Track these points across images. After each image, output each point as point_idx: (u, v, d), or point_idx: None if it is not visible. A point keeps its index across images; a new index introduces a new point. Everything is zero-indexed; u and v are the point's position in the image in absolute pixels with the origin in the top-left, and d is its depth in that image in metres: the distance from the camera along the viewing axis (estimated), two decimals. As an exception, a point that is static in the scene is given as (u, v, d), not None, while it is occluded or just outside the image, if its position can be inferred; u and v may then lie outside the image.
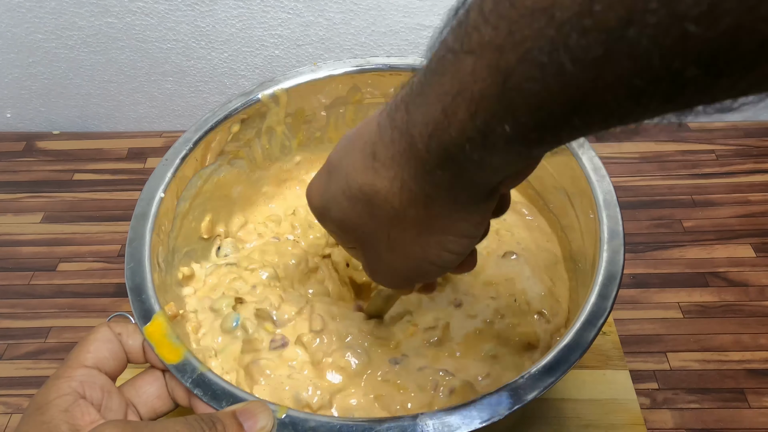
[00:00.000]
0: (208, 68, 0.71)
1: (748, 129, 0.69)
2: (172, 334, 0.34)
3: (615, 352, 0.49)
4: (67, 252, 0.62)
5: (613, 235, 0.38)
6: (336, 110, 0.51)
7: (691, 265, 0.57)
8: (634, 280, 0.56)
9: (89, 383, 0.31)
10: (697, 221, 0.61)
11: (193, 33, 0.67)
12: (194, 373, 0.33)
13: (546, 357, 0.33)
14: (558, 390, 0.46)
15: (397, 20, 0.65)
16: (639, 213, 0.62)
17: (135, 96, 0.74)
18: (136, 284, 0.37)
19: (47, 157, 0.71)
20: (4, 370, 0.53)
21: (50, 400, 0.29)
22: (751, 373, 0.50)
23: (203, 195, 0.47)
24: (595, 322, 0.34)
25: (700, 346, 0.52)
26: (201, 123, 0.45)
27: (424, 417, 0.31)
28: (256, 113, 0.48)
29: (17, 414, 0.50)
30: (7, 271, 0.60)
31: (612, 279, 0.36)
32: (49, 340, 0.55)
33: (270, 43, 0.68)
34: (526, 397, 0.31)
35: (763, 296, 0.55)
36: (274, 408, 0.31)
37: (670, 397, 0.48)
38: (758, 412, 0.48)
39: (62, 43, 0.69)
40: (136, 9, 0.65)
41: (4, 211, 0.66)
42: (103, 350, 0.33)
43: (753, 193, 0.63)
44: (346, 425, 0.31)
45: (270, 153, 0.51)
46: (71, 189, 0.68)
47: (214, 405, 0.32)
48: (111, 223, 0.64)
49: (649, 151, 0.68)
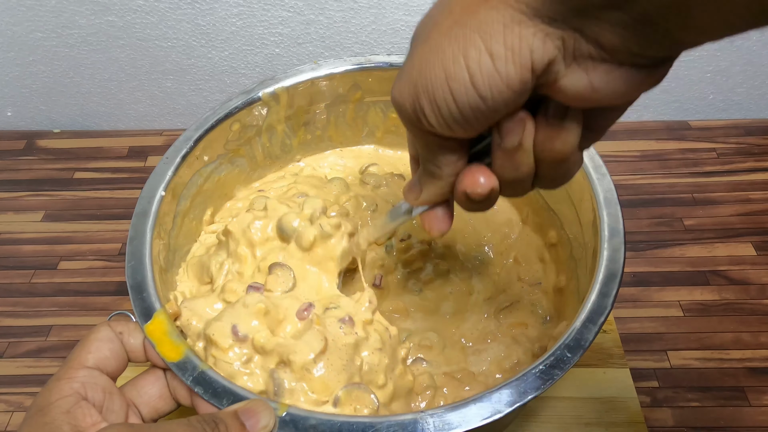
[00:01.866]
0: (208, 66, 0.70)
1: (748, 127, 0.69)
2: (173, 332, 0.35)
3: (615, 350, 0.49)
4: (67, 250, 0.62)
5: (613, 233, 0.38)
6: (336, 108, 0.51)
7: (692, 264, 0.57)
8: (634, 279, 0.56)
9: (91, 384, 0.31)
10: (697, 219, 0.61)
11: (194, 31, 0.67)
12: (195, 371, 0.33)
13: (546, 355, 0.33)
14: (558, 388, 0.46)
15: (398, 18, 0.65)
16: (640, 211, 0.62)
17: (135, 94, 0.74)
18: (136, 282, 0.37)
19: (48, 156, 0.71)
20: (5, 369, 0.53)
21: (52, 401, 0.29)
22: (752, 372, 0.50)
23: (204, 193, 0.47)
24: (596, 321, 0.34)
25: (700, 345, 0.52)
26: (201, 121, 0.45)
27: (424, 415, 0.31)
28: (256, 111, 0.48)
29: (18, 412, 0.50)
30: (8, 269, 0.60)
31: (612, 277, 0.36)
32: (50, 338, 0.55)
33: (270, 41, 0.68)
34: (527, 395, 0.31)
35: (763, 294, 0.55)
36: (274, 406, 0.31)
37: (671, 396, 0.49)
38: (758, 411, 0.48)
39: (63, 42, 0.68)
40: (136, 7, 0.65)
41: (5, 210, 0.66)
42: (104, 350, 0.32)
43: (754, 192, 0.63)
44: (346, 423, 0.31)
45: (270, 151, 0.51)
46: (72, 187, 0.68)
47: (215, 403, 0.32)
48: (112, 221, 0.64)
49: (649, 150, 0.68)
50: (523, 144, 0.25)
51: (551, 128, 0.24)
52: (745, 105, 0.72)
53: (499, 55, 0.21)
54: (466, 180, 0.27)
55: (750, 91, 0.71)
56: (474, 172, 0.27)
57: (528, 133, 0.25)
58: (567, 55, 0.21)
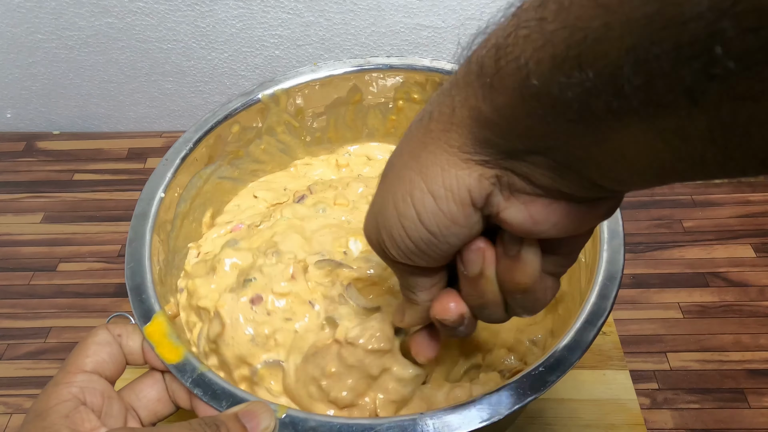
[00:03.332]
0: (208, 68, 0.71)
1: (748, 129, 0.69)
2: (172, 333, 0.34)
3: (615, 352, 0.49)
4: (67, 252, 0.62)
5: (613, 235, 0.38)
6: (336, 110, 0.51)
7: (691, 265, 0.57)
8: (634, 280, 0.56)
9: (89, 389, 0.31)
10: (697, 221, 0.61)
11: (194, 33, 0.67)
12: (194, 373, 0.33)
13: (546, 357, 0.33)
14: (558, 390, 0.46)
15: (397, 20, 0.65)
16: (639, 213, 0.62)
17: (135, 96, 0.74)
18: (136, 284, 0.37)
19: (47, 157, 0.71)
20: (5, 371, 0.53)
21: (51, 406, 0.29)
22: (751, 373, 0.50)
23: (204, 195, 0.47)
24: (595, 322, 0.34)
25: (700, 346, 0.52)
26: (201, 123, 0.45)
27: (424, 416, 0.31)
28: (256, 113, 0.48)
29: (17, 414, 0.50)
30: (7, 271, 0.60)
31: (612, 279, 0.36)
32: (49, 340, 0.55)
33: (270, 43, 0.68)
34: (526, 397, 0.31)
35: (763, 296, 0.55)
36: (274, 408, 0.31)
37: (670, 397, 0.49)
38: (758, 412, 0.48)
39: (62, 44, 0.69)
40: (136, 9, 0.65)
41: (5, 211, 0.66)
42: (102, 353, 0.32)
43: (753, 194, 0.63)
44: (345, 425, 0.31)
45: (270, 153, 0.51)
46: (71, 189, 0.68)
47: (214, 405, 0.32)
48: (111, 223, 0.64)
49: (649, 152, 0.68)
50: (484, 273, 0.25)
51: (509, 258, 0.24)
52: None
53: (439, 195, 0.23)
54: (436, 306, 0.28)
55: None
56: (444, 298, 0.27)
57: (488, 262, 0.25)
58: (503, 189, 0.22)
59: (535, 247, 0.24)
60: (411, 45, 0.67)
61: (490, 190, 0.22)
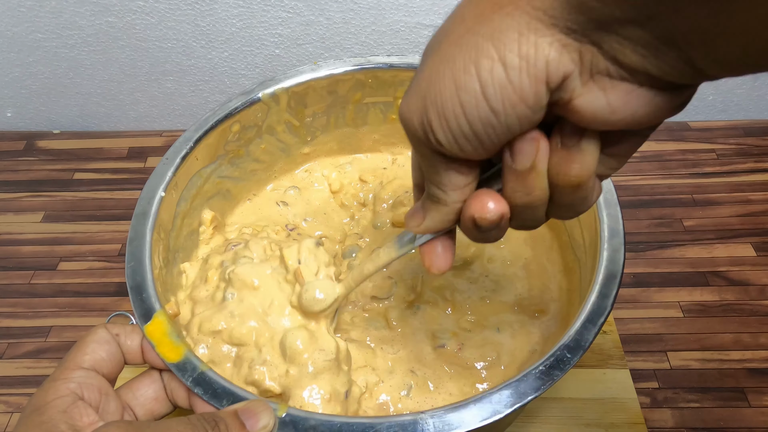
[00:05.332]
0: (208, 67, 0.71)
1: (748, 128, 0.69)
2: (172, 332, 0.35)
3: (615, 351, 0.49)
4: (67, 251, 0.62)
5: (613, 234, 0.38)
6: (336, 109, 0.51)
7: (692, 265, 0.57)
8: (634, 279, 0.56)
9: (87, 385, 0.31)
10: (697, 220, 0.61)
11: (194, 32, 0.67)
12: (195, 372, 0.33)
13: (546, 356, 0.33)
14: (558, 389, 0.46)
15: (398, 19, 0.65)
16: (639, 212, 0.62)
17: (135, 95, 0.74)
18: (136, 283, 0.37)
19: (48, 157, 0.71)
20: (5, 370, 0.53)
21: (48, 401, 0.29)
22: (752, 372, 0.50)
23: (204, 194, 0.47)
24: (596, 321, 0.34)
25: (700, 345, 0.52)
26: (201, 122, 0.45)
27: (424, 416, 0.31)
28: (256, 112, 0.48)
29: (18, 413, 0.50)
30: (7, 270, 0.60)
31: (612, 278, 0.36)
32: (50, 339, 0.55)
33: (270, 42, 0.68)
34: (527, 396, 0.31)
35: (763, 295, 0.55)
36: (274, 406, 0.31)
37: (671, 396, 0.49)
38: (758, 411, 0.48)
39: (62, 43, 0.69)
40: (136, 8, 0.65)
41: (5, 211, 0.66)
42: (101, 352, 0.32)
43: (753, 192, 0.63)
44: (346, 424, 0.31)
45: (270, 152, 0.51)
46: (72, 188, 0.68)
47: (214, 404, 0.32)
48: (111, 222, 0.64)
49: (649, 150, 0.68)
50: (536, 166, 0.23)
51: (567, 150, 0.23)
52: (745, 106, 0.72)
53: (512, 64, 0.20)
54: (474, 204, 0.25)
55: (750, 92, 0.71)
56: (483, 196, 0.25)
57: (542, 154, 0.23)
58: (584, 71, 0.20)
59: (596, 139, 0.23)
60: (411, 44, 0.67)
61: (570, 69, 0.20)
